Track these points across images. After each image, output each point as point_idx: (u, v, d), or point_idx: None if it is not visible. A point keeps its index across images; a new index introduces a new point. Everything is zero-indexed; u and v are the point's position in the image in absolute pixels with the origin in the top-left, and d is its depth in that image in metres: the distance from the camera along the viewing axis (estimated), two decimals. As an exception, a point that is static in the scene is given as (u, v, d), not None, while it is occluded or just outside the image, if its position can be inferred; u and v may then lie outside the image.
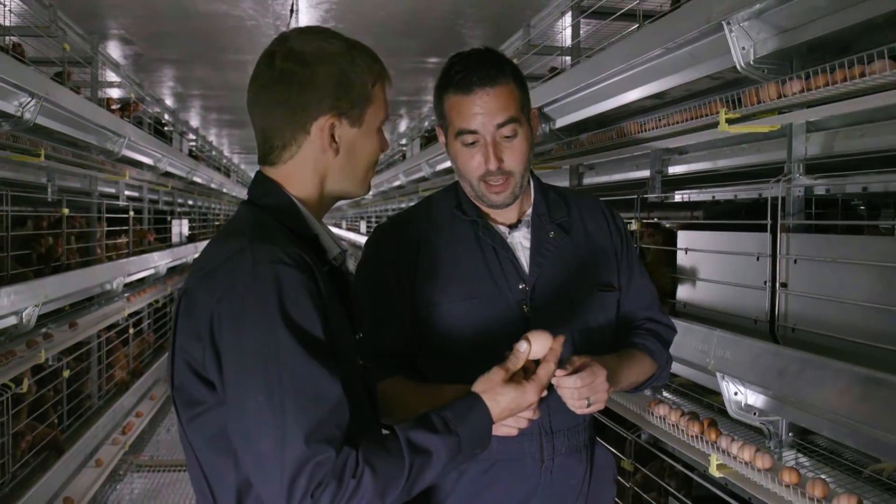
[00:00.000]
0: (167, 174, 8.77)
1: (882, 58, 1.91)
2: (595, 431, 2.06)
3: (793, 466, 2.34)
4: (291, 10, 5.67)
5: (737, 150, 3.15)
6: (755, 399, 2.59)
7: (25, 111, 4.09)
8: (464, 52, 1.85)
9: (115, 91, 7.63)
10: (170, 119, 10.04)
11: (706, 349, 2.63)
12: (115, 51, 6.96)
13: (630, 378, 1.90)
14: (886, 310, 2.13)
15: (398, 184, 10.62)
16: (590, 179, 4.54)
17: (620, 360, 1.86)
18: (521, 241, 1.93)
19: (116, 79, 7.24)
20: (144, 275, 7.48)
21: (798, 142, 2.62)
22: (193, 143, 12.28)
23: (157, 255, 7.65)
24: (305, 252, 1.40)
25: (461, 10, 5.62)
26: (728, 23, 2.47)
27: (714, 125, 2.63)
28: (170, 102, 9.90)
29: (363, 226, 15.30)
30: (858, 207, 3.16)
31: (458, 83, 1.81)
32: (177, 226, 9.06)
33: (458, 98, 1.82)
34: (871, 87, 2.00)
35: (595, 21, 4.73)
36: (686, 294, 3.13)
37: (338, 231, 18.04)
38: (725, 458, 2.51)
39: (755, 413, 2.61)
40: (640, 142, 3.34)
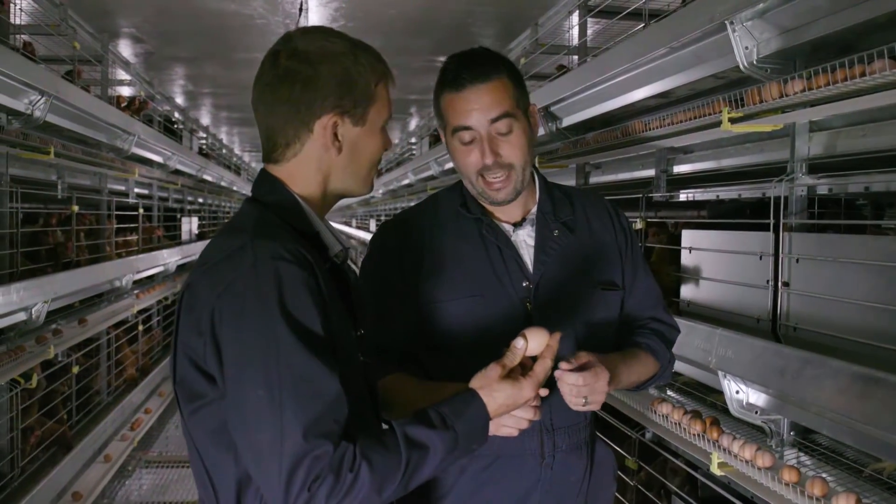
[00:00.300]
0: (177, 172, 8.81)
1: (882, 57, 1.90)
2: (596, 429, 2.07)
3: (793, 465, 2.35)
4: (300, 9, 5.68)
5: (741, 150, 3.14)
6: (757, 398, 2.59)
7: (35, 109, 4.12)
8: (458, 52, 1.86)
9: (126, 89, 7.66)
10: (180, 117, 10.07)
11: (708, 348, 2.63)
12: (126, 49, 6.98)
13: (632, 377, 1.90)
14: (887, 309, 2.13)
15: (407, 182, 10.62)
16: (596, 178, 4.54)
17: (624, 359, 1.86)
18: (526, 240, 1.93)
19: (127, 77, 7.27)
20: (154, 272, 7.51)
21: (801, 141, 2.61)
22: (204, 141, 12.30)
23: (167, 253, 7.68)
24: (307, 249, 1.41)
25: (471, 9, 5.60)
26: (731, 22, 2.47)
27: (717, 124, 2.63)
28: (181, 100, 9.91)
29: (373, 224, 15.33)
30: (863, 207, 3.16)
31: (451, 81, 1.82)
32: (186, 223, 9.08)
33: (452, 96, 1.83)
34: (872, 87, 2.00)
35: (604, 20, 4.73)
36: (689, 293, 3.13)
37: (347, 229, 18.06)
38: (727, 457, 2.52)
39: (757, 412, 2.62)
40: (645, 140, 3.35)
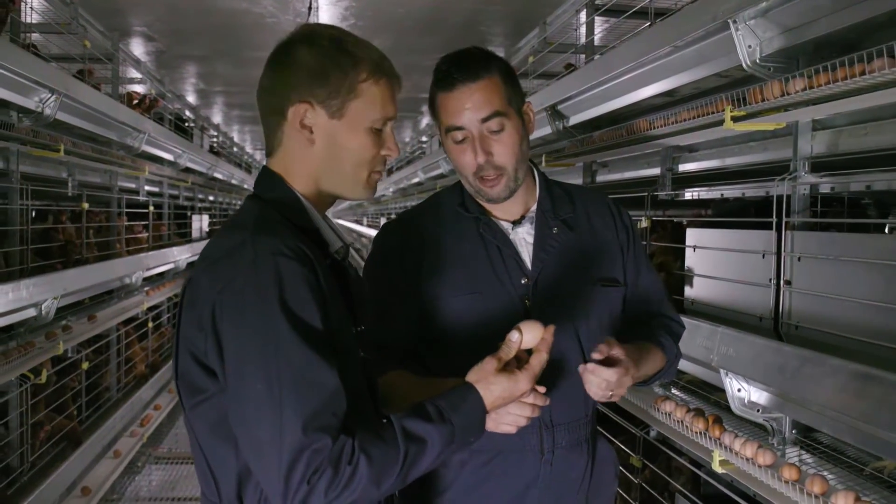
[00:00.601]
0: (188, 170, 8.84)
1: (882, 56, 1.90)
2: (597, 426, 2.07)
3: (794, 463, 2.35)
4: (309, 8, 5.70)
5: (745, 149, 3.14)
6: (758, 396, 2.59)
7: (46, 107, 4.15)
8: (451, 52, 1.87)
9: (139, 88, 7.70)
10: (190, 115, 10.11)
11: (710, 346, 2.64)
12: (138, 47, 7.01)
13: (646, 370, 1.90)
14: (889, 308, 2.13)
15: (417, 180, 10.63)
16: (603, 177, 4.54)
17: (639, 352, 1.86)
18: (525, 237, 1.93)
19: (138, 75, 7.30)
20: (164, 269, 7.55)
21: (804, 140, 2.61)
22: (215, 140, 12.34)
23: (177, 250, 7.71)
24: (307, 245, 1.42)
25: (480, 8, 5.60)
26: (734, 21, 2.46)
27: (720, 123, 2.63)
28: (193, 99, 9.94)
29: (383, 222, 15.39)
30: (868, 206, 3.15)
31: (443, 81, 1.83)
32: (197, 221, 9.12)
33: (444, 96, 1.83)
34: (872, 86, 1.99)
35: (612, 19, 4.73)
36: (693, 291, 3.13)
37: (357, 227, 18.10)
38: (728, 455, 2.52)
39: (758, 410, 2.62)
40: (649, 139, 3.35)
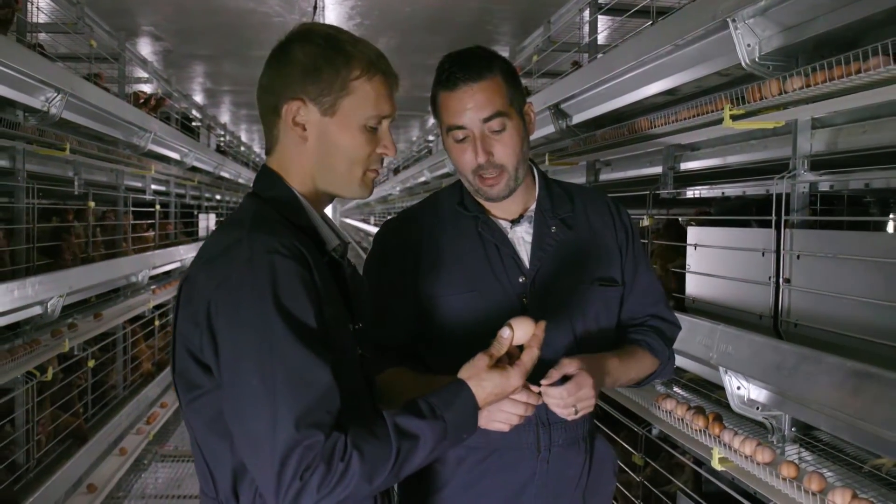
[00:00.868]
0: (194, 169, 8.86)
1: (877, 54, 1.90)
2: (603, 424, 2.07)
3: (792, 461, 2.35)
4: (315, 7, 5.71)
5: (746, 147, 3.14)
6: (757, 394, 2.60)
7: (51, 106, 4.19)
8: (454, 52, 1.86)
9: (145, 87, 7.73)
10: (197, 114, 10.14)
11: (709, 343, 2.64)
12: (146, 47, 7.05)
13: (629, 375, 1.91)
14: (888, 306, 2.13)
15: (423, 179, 10.64)
16: (606, 176, 4.54)
17: (620, 359, 1.87)
18: (523, 236, 1.94)
19: (144, 75, 7.33)
20: (170, 268, 7.57)
21: (803, 138, 2.61)
22: (222, 139, 12.37)
23: (183, 249, 7.73)
24: (304, 243, 1.43)
25: (486, 7, 5.61)
26: (733, 20, 2.47)
27: (719, 121, 2.63)
28: (200, 98, 9.98)
29: (386, 221, 15.37)
30: (869, 204, 3.15)
31: (445, 80, 1.83)
32: (203, 220, 9.15)
33: (446, 95, 1.83)
34: (868, 84, 1.99)
35: (617, 18, 4.74)
36: (693, 289, 3.14)
37: (364, 226, 18.11)
38: (727, 452, 2.52)
39: (758, 408, 2.62)
40: (650, 138, 3.35)
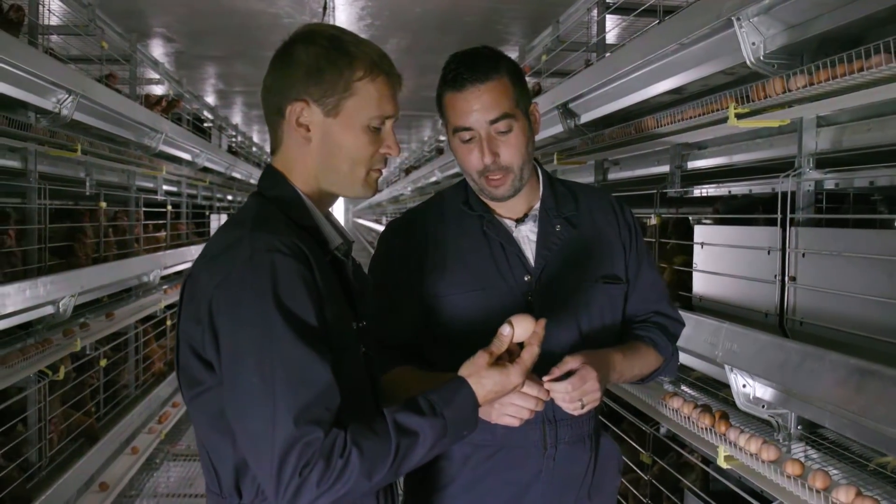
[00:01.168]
0: (206, 169, 8.89)
1: (880, 52, 1.90)
2: (600, 422, 2.08)
3: (798, 459, 2.35)
4: (324, 8, 5.72)
5: (752, 146, 3.14)
6: (763, 392, 2.60)
7: (63, 107, 4.22)
8: (460, 51, 1.86)
9: (157, 88, 7.76)
10: (209, 115, 10.18)
11: (715, 341, 2.64)
12: (158, 48, 7.07)
13: (633, 371, 1.92)
14: (894, 304, 2.13)
15: (434, 179, 10.65)
16: (614, 175, 4.53)
17: (624, 354, 1.88)
18: (528, 235, 1.95)
19: (156, 76, 7.37)
20: (182, 268, 7.58)
21: (808, 136, 2.61)
22: (233, 140, 12.41)
23: (195, 249, 7.75)
24: (306, 242, 1.45)
25: (496, 7, 5.60)
26: (738, 19, 2.46)
27: (724, 120, 2.63)
28: (212, 99, 10.01)
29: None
30: (875, 202, 3.13)
31: (452, 81, 1.82)
32: (215, 220, 9.18)
33: (453, 95, 1.83)
34: (872, 81, 1.99)
35: (626, 17, 4.74)
36: (699, 288, 3.14)
37: (376, 226, 18.13)
38: (733, 450, 2.52)
39: (763, 406, 2.62)
40: (656, 137, 3.35)
